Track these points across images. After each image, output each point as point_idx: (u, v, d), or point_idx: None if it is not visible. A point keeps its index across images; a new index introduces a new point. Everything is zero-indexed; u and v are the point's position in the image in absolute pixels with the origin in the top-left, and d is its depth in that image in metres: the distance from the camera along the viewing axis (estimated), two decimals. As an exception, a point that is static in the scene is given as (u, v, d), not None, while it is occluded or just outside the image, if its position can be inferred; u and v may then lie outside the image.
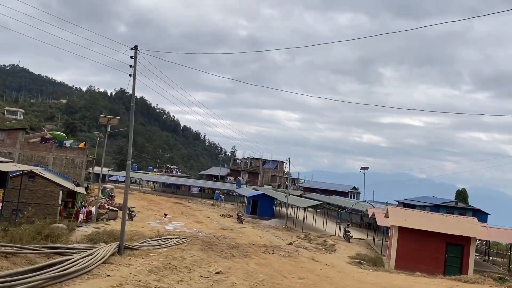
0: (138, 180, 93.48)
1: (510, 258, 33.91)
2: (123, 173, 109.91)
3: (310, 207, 48.71)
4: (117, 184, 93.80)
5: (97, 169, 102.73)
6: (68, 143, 48.34)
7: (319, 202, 47.07)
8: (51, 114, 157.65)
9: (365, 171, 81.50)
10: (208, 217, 49.40)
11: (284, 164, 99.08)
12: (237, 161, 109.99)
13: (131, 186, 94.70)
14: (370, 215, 37.42)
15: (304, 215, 47.64)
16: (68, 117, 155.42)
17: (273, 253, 26.31)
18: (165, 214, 47.42)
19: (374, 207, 44.94)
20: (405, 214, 27.53)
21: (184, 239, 26.67)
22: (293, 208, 53.95)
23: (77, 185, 40.13)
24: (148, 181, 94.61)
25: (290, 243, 33.52)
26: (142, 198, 68.51)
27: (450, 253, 25.45)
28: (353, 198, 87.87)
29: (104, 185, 67.01)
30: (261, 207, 53.83)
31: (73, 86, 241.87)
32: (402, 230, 26.08)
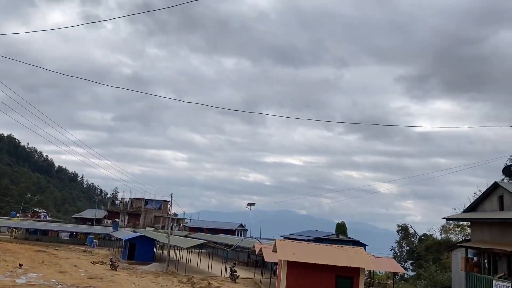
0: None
1: (393, 286, 33.99)
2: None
3: (195, 247, 44.95)
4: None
5: None
6: None
7: (204, 241, 43.62)
8: None
9: (252, 207, 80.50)
10: (76, 266, 42.55)
11: (169, 203, 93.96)
12: (116, 202, 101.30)
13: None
14: (257, 251, 35.11)
15: (188, 257, 43.65)
16: None
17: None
18: (20, 265, 39.60)
19: (261, 242, 42.92)
20: (293, 247, 25.64)
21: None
22: (177, 250, 49.52)
23: None
24: (9, 227, 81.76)
25: (170, 289, 29.43)
26: (-4, 248, 57.82)
27: (339, 286, 23.93)
28: (241, 235, 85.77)
29: None
30: (140, 251, 48.42)
31: None
32: (291, 265, 24.01)
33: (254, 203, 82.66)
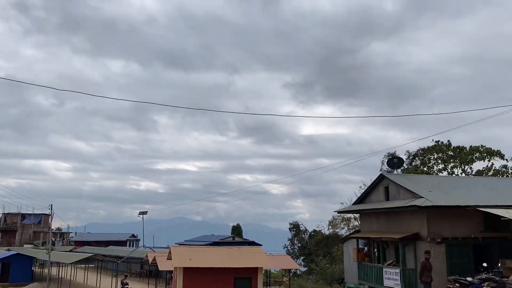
0: None
1: (288, 284, 34.59)
2: None
3: (80, 261, 41.15)
4: None
5: None
6: None
7: (90, 255, 40.08)
8: None
9: (144, 215, 77.07)
10: None
11: (49, 217, 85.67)
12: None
13: None
14: (150, 260, 33.18)
15: (73, 274, 39.76)
16: None
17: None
18: None
19: (154, 251, 40.83)
20: (190, 253, 24.50)
21: None
22: (60, 267, 44.82)
23: None
24: None
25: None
26: None
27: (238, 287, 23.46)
28: (133, 246, 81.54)
29: None
30: (15, 271, 42.84)
31: None
32: (188, 271, 22.92)
33: (147, 211, 79.09)
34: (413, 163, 46.81)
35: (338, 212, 32.56)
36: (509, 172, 42.18)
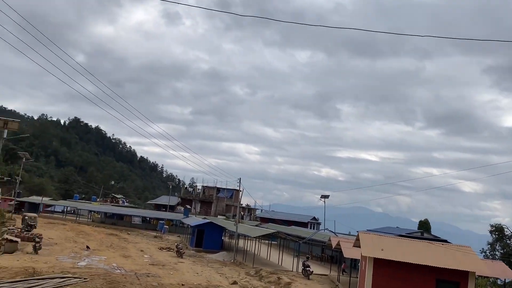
0: (76, 210, 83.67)
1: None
2: (62, 202, 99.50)
3: (264, 236, 41.61)
4: (51, 215, 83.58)
5: (35, 198, 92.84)
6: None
7: (274, 231, 40.14)
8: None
9: (325, 199, 75.82)
10: (142, 251, 41.14)
11: (240, 193, 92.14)
12: (189, 189, 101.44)
13: (65, 217, 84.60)
14: (334, 245, 30.79)
15: (257, 248, 40.49)
16: (14, 145, 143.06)
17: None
18: (87, 247, 38.91)
19: (337, 236, 38.49)
20: (381, 242, 21.07)
21: (77, 279, 18.87)
22: (247, 240, 46.58)
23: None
24: (90, 211, 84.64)
25: (235, 282, 26.20)
26: (72, 229, 59.04)
27: (441, 294, 19.07)
28: (313, 228, 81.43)
29: (25, 214, 57.36)
30: (208, 238, 46.12)
31: (25, 114, 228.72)
32: (379, 263, 19.53)
33: (328, 195, 77.58)
34: None
35: None
36: None
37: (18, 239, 33.77)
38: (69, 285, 17.42)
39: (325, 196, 76.58)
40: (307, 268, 31.01)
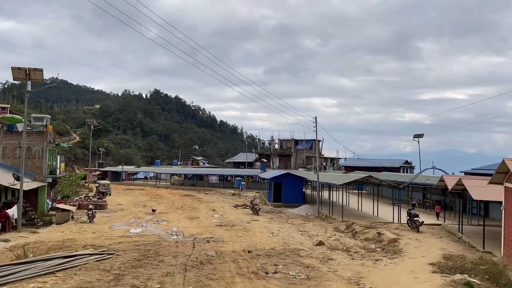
0: (157, 175, 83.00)
1: None
2: (143, 168, 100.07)
3: (351, 183, 34.75)
4: (133, 182, 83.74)
5: (127, 168, 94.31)
6: (20, 127, 36.59)
7: (363, 176, 32.98)
8: (84, 119, 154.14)
9: (420, 138, 66.25)
10: (214, 210, 36.43)
11: (321, 142, 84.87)
12: (265, 144, 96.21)
13: (146, 182, 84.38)
14: (451, 186, 22.98)
15: (345, 199, 33.72)
16: (102, 120, 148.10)
17: (273, 273, 12.85)
18: (153, 210, 34.99)
19: (448, 174, 30.41)
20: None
21: (103, 255, 13.67)
22: (332, 191, 39.95)
23: (17, 178, 28.10)
24: (170, 174, 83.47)
25: (320, 243, 19.86)
26: (148, 194, 56.84)
27: None
28: (407, 173, 72.45)
29: (98, 181, 55.87)
30: (287, 192, 40.22)
31: (111, 92, 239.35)
32: None
33: (423, 134, 68.00)
34: None
35: None
36: None
37: (73, 208, 30.45)
38: (80, 265, 12.19)
39: (418, 136, 67.06)
40: (415, 218, 23.70)
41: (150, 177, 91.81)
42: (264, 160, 78.78)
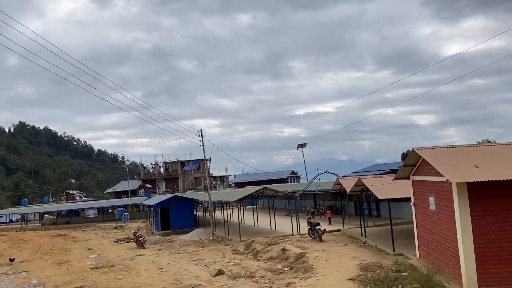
0: (23, 216, 72.03)
1: None
2: (5, 211, 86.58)
3: (246, 198, 32.33)
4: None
5: None
6: None
7: (259, 188, 30.86)
8: None
9: (303, 148, 67.50)
10: (90, 249, 30.93)
11: (208, 161, 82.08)
12: (148, 169, 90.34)
13: (11, 226, 72.57)
14: (348, 188, 21.70)
15: (239, 216, 31.08)
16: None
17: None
18: (11, 260, 28.36)
19: (340, 177, 29.71)
20: (464, 157, 11.98)
21: None
22: (226, 209, 37.10)
23: None
24: (44, 213, 72.70)
25: (220, 272, 16.71)
26: (10, 239, 47.77)
27: None
28: (295, 182, 73.30)
29: None
30: (176, 217, 36.33)
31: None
32: (477, 192, 10.48)
33: (305, 143, 69.56)
34: None
35: None
36: None
37: None
38: None
39: (302, 145, 68.28)
40: (317, 227, 21.93)
41: (16, 219, 79.57)
42: (149, 185, 73.34)
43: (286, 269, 16.30)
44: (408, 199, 29.02)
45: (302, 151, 68.58)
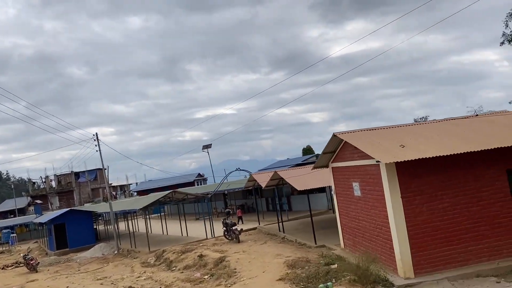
0: None
1: None
2: None
3: (153, 205, 30.03)
4: None
5: None
6: None
7: (167, 193, 28.63)
8: None
9: (208, 149, 66.37)
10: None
11: (106, 170, 76.58)
12: (38, 184, 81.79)
13: None
14: (264, 183, 20.84)
15: (147, 224, 28.63)
16: None
17: None
18: None
19: (251, 173, 28.90)
20: (387, 137, 11.58)
21: None
22: (131, 220, 34.10)
23: None
24: None
25: (130, 289, 14.64)
26: None
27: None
28: (202, 185, 71.51)
29: None
30: (73, 233, 32.55)
31: None
32: (406, 170, 10.11)
33: (210, 144, 68.72)
34: None
35: None
36: None
37: None
38: None
39: (207, 146, 67.06)
40: (233, 228, 20.68)
41: None
42: (39, 202, 66.17)
43: (206, 277, 14.77)
44: (320, 190, 29.33)
45: (208, 152, 67.35)
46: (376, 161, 10.05)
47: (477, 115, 14.89)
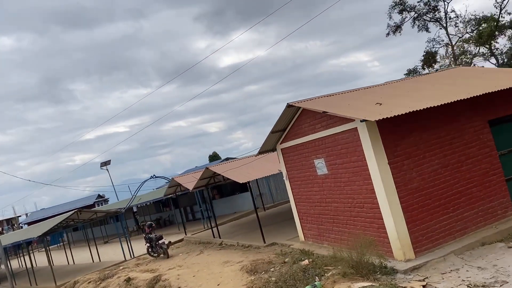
0: None
1: None
2: None
3: (56, 230, 25.45)
4: None
5: None
6: None
7: (71, 213, 24.14)
8: None
9: (108, 165, 61.02)
10: None
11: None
12: None
13: None
14: (191, 185, 18.09)
15: (49, 255, 23.88)
16: None
17: None
18: None
19: (168, 179, 25.81)
20: (352, 98, 9.83)
21: None
22: (24, 255, 28.50)
23: None
24: None
25: None
26: None
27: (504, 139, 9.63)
28: (103, 205, 65.51)
29: None
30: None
31: None
32: (390, 135, 8.37)
33: (109, 160, 63.09)
34: None
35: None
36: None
37: None
38: None
39: (106, 163, 61.46)
40: (160, 241, 17.55)
41: None
42: None
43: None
44: (243, 190, 27.22)
45: (108, 170, 61.76)
46: (361, 121, 8.13)
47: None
